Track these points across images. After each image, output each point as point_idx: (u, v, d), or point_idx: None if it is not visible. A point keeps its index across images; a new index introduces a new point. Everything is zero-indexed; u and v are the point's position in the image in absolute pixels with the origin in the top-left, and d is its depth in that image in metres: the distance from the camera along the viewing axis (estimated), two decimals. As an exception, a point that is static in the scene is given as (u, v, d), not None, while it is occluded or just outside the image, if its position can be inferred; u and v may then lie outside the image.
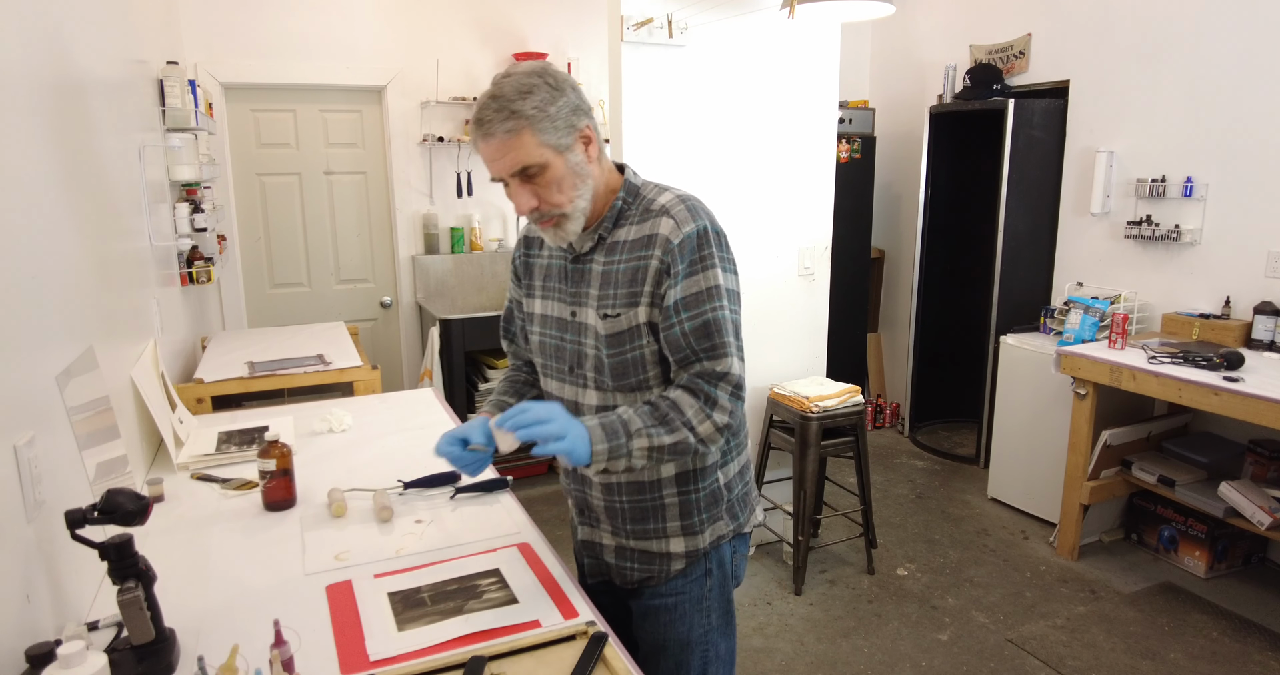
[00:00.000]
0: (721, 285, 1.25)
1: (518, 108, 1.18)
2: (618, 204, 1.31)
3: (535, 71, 1.22)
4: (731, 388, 1.25)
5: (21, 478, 1.10)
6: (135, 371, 1.91)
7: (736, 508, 1.42)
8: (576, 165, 1.24)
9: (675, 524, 1.36)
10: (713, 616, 1.41)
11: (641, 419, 1.20)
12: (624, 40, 2.72)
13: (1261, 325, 3.03)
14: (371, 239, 4.47)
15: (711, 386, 1.24)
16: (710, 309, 1.23)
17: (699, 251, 1.24)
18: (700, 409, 1.22)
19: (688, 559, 1.38)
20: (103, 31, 2.02)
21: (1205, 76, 3.25)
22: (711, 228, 1.27)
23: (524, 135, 1.19)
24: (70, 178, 1.55)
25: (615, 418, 1.20)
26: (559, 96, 1.21)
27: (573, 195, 1.25)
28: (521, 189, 1.23)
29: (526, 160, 1.20)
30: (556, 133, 1.21)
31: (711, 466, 1.37)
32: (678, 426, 1.21)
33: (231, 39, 3.91)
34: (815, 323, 3.30)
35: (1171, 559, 3.20)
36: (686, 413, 1.22)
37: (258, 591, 1.33)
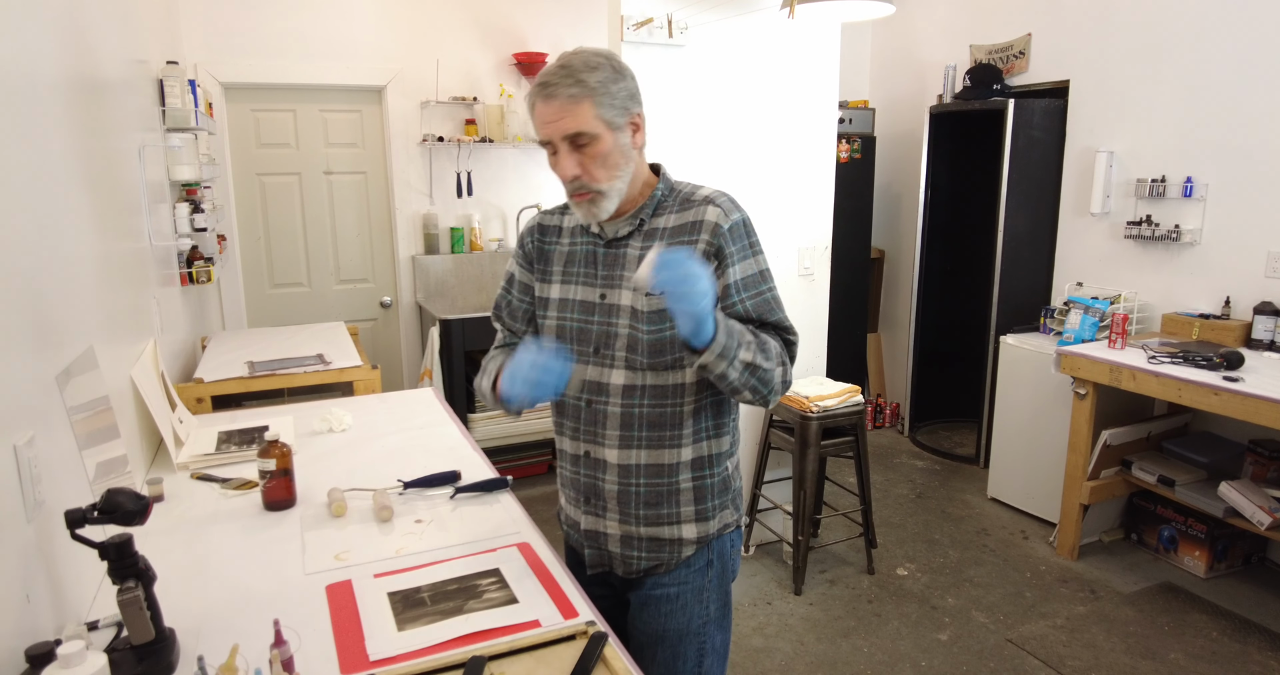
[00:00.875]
0: (766, 268, 1.37)
1: (584, 78, 1.26)
2: (657, 194, 1.38)
3: (603, 54, 1.31)
4: (794, 349, 1.37)
5: (21, 477, 1.09)
6: (135, 371, 1.91)
7: (738, 499, 1.49)
8: (623, 146, 1.31)
9: (690, 509, 1.40)
10: (711, 608, 1.44)
11: (750, 338, 1.27)
12: (624, 40, 2.72)
13: (1261, 325, 3.03)
14: (371, 239, 4.47)
15: (783, 347, 1.35)
16: (767, 289, 1.35)
17: (745, 238, 1.34)
18: (781, 356, 1.33)
19: (698, 545, 1.42)
20: (103, 31, 2.02)
21: (1205, 76, 3.25)
22: (748, 219, 1.38)
23: (584, 103, 1.26)
24: (70, 177, 1.55)
25: (734, 323, 1.27)
26: (620, 79, 1.30)
27: (614, 173, 1.31)
28: (569, 156, 1.29)
29: (581, 126, 1.26)
30: (613, 110, 1.28)
31: (725, 453, 1.43)
32: (772, 357, 1.30)
33: (231, 39, 3.91)
34: (815, 323, 3.30)
35: (1171, 559, 3.21)
36: (775, 353, 1.31)
37: (258, 591, 1.33)
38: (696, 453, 1.39)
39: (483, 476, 1.83)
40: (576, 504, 1.46)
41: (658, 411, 1.36)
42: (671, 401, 1.36)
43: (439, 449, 2.03)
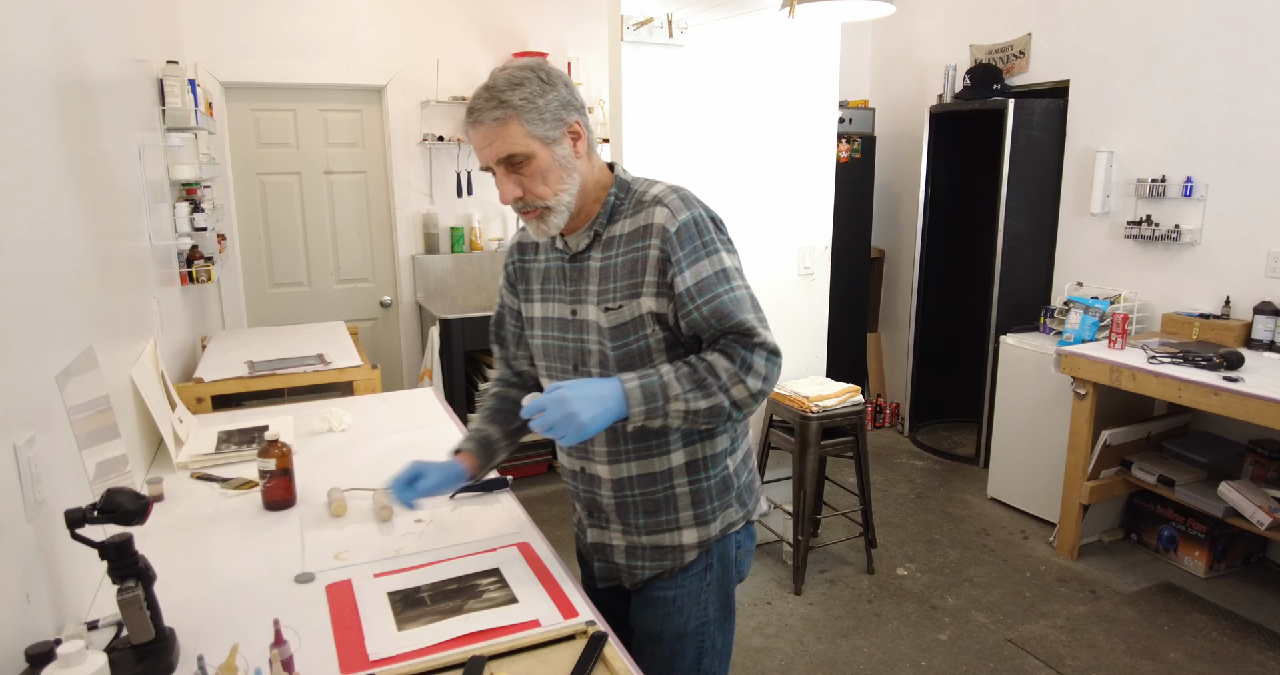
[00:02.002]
0: (728, 266, 1.27)
1: (506, 98, 1.22)
2: (610, 200, 1.33)
3: (528, 66, 1.25)
4: (767, 352, 1.26)
5: (21, 477, 1.09)
6: (135, 371, 1.91)
7: (744, 495, 1.44)
8: (563, 159, 1.26)
9: (688, 513, 1.38)
10: (710, 609, 1.42)
11: (680, 383, 1.23)
12: (624, 40, 2.72)
13: (1261, 325, 3.03)
14: (371, 238, 4.47)
15: (748, 351, 1.25)
16: (725, 290, 1.25)
17: (695, 239, 1.27)
18: (735, 373, 1.24)
19: (700, 549, 1.40)
20: (103, 31, 2.02)
21: (1205, 76, 3.25)
22: (706, 214, 1.30)
23: (511, 124, 1.22)
24: (70, 177, 1.54)
25: (656, 379, 1.23)
26: (549, 90, 1.24)
27: (557, 188, 1.27)
28: (507, 178, 1.26)
29: (512, 149, 1.23)
30: (544, 125, 1.23)
31: (721, 453, 1.39)
32: (714, 391, 1.23)
33: (231, 38, 3.91)
34: (815, 322, 3.30)
35: (1171, 559, 3.21)
36: (721, 376, 1.23)
37: (258, 591, 1.33)
38: (689, 456, 1.36)
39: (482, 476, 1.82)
40: (583, 517, 1.50)
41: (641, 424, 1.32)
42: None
43: (439, 449, 2.02)
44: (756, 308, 1.29)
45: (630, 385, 1.22)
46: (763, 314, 1.30)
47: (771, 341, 1.27)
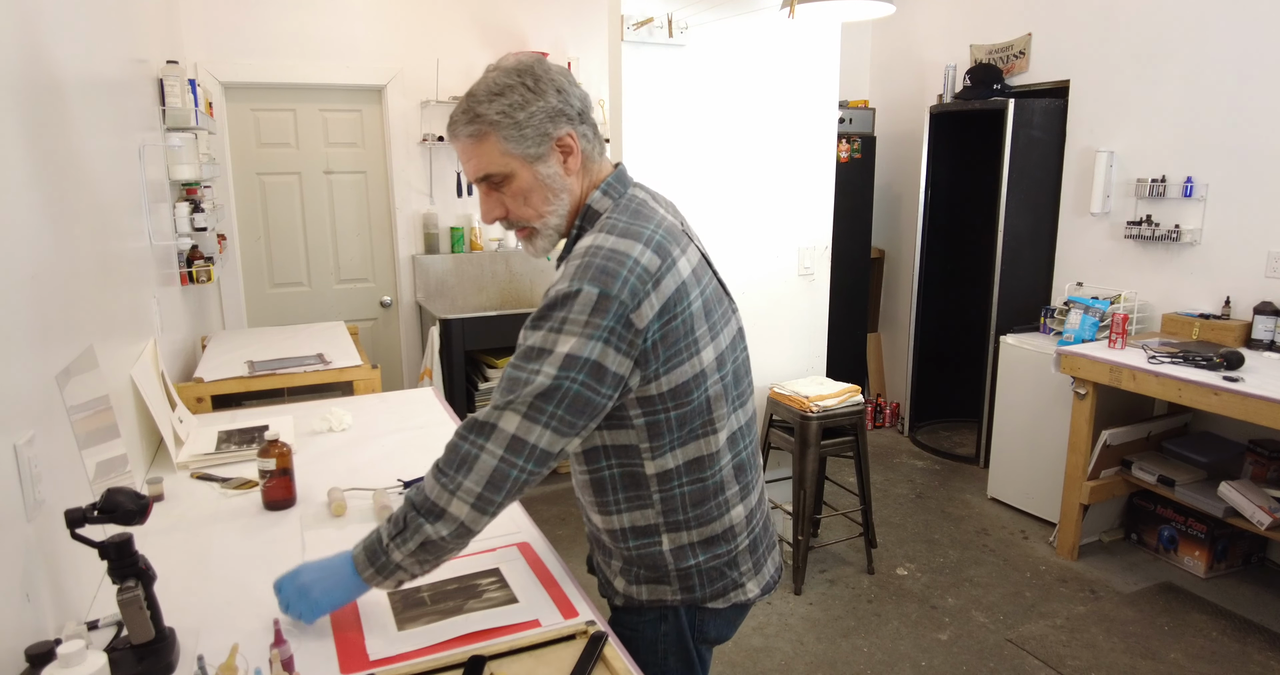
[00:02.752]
0: (562, 351, 1.05)
1: (482, 111, 1.11)
2: (574, 231, 1.20)
3: (517, 69, 1.13)
4: (501, 449, 1.06)
5: (21, 477, 1.09)
6: (135, 371, 1.91)
7: (695, 581, 1.23)
8: (549, 178, 1.14)
9: (618, 564, 1.27)
10: (669, 659, 1.28)
11: (388, 530, 1.13)
12: (624, 40, 2.72)
13: (1261, 325, 3.03)
14: (371, 238, 4.47)
15: (472, 445, 1.08)
16: (528, 370, 1.06)
17: (555, 311, 1.06)
18: (444, 486, 1.08)
19: (625, 601, 1.27)
20: (102, 30, 2.02)
21: (1205, 76, 3.25)
22: (596, 291, 1.04)
23: (487, 141, 1.12)
24: (70, 176, 1.54)
25: (375, 536, 1.15)
26: (534, 100, 1.11)
27: (542, 209, 1.16)
28: (488, 196, 1.17)
29: (489, 168, 1.13)
30: (525, 141, 1.12)
31: (644, 529, 1.21)
32: (416, 525, 1.10)
33: (231, 38, 3.91)
34: (815, 322, 3.30)
35: (1171, 559, 3.20)
36: (429, 495, 1.09)
37: (258, 591, 1.33)
38: (607, 524, 1.24)
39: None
40: None
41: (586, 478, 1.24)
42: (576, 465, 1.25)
43: (439, 449, 2.02)
44: (551, 400, 1.05)
45: (355, 551, 1.16)
46: (557, 412, 1.06)
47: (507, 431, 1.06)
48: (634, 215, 1.15)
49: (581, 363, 1.05)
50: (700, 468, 1.18)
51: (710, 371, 1.15)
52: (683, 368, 1.11)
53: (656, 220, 1.15)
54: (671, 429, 1.14)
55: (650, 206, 1.19)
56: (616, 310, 1.05)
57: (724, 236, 3.03)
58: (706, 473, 1.19)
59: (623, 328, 1.06)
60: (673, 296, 1.09)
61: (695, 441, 1.16)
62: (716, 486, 1.20)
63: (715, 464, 1.19)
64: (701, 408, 1.15)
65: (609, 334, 1.05)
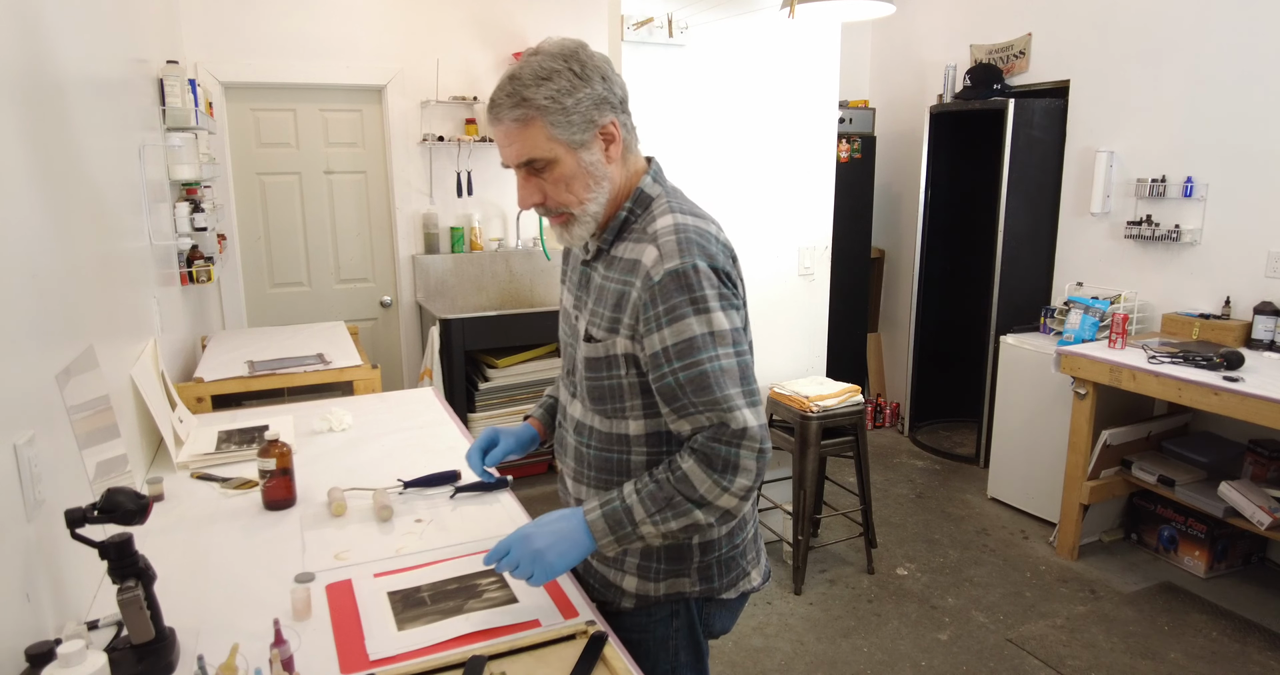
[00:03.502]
0: (716, 330, 1.10)
1: (530, 95, 1.09)
2: (622, 214, 1.20)
3: (563, 54, 1.12)
4: (757, 446, 1.10)
5: (21, 477, 1.10)
6: (135, 371, 1.91)
7: (714, 571, 1.27)
8: (591, 165, 1.15)
9: (634, 561, 1.27)
10: (680, 655, 1.31)
11: (644, 505, 1.12)
12: (624, 40, 2.72)
13: (1261, 325, 3.03)
14: (371, 238, 4.47)
15: (732, 448, 1.10)
16: (706, 359, 1.09)
17: (684, 293, 1.09)
18: (716, 482, 1.10)
19: (637, 601, 1.28)
20: (103, 30, 2.02)
21: (1205, 76, 3.25)
22: (705, 265, 1.11)
23: (533, 126, 1.11)
24: (70, 176, 1.54)
25: (618, 505, 1.13)
26: (581, 86, 1.11)
27: (583, 196, 1.16)
28: (527, 181, 1.16)
29: (533, 153, 1.13)
30: (571, 127, 1.11)
31: None
32: (685, 509, 1.11)
33: (232, 38, 3.91)
34: (815, 322, 3.30)
35: (1171, 559, 3.20)
36: (699, 489, 1.10)
37: (258, 591, 1.33)
38: None
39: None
40: None
41: (604, 455, 1.25)
42: (617, 449, 1.24)
43: (439, 449, 2.03)
44: (745, 379, 1.12)
45: (592, 517, 1.14)
46: (752, 387, 1.13)
47: (755, 428, 1.10)
48: (687, 202, 1.24)
49: (733, 335, 1.12)
50: None
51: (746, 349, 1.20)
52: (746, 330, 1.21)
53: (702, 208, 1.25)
54: None
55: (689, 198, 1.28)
56: (724, 278, 1.13)
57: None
58: None
59: (731, 292, 1.15)
60: (737, 268, 1.20)
61: None
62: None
63: None
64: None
65: (728, 301, 1.13)
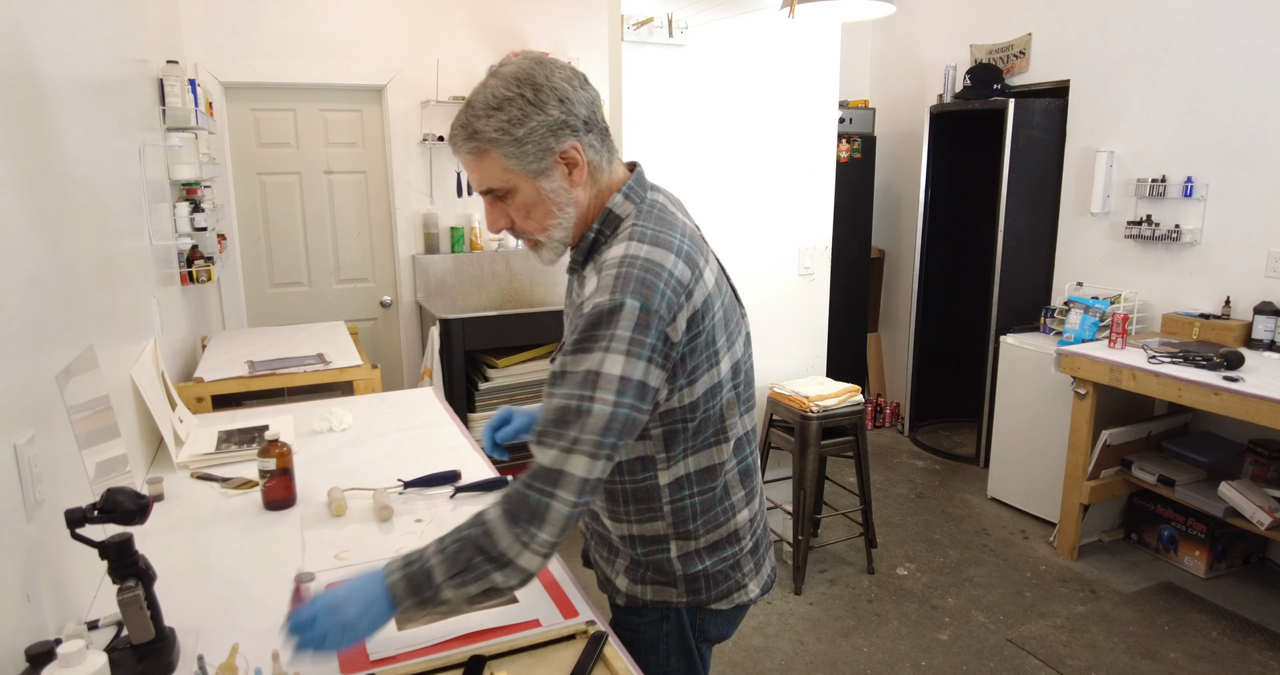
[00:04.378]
0: (604, 372, 1.02)
1: (480, 127, 1.07)
2: (590, 235, 1.16)
3: (517, 77, 1.08)
4: (572, 500, 1.03)
5: (21, 477, 1.10)
6: (135, 371, 1.91)
7: (701, 584, 1.24)
8: (552, 192, 1.11)
9: (623, 563, 1.27)
10: (672, 660, 1.28)
11: (445, 567, 1.05)
12: (624, 39, 2.72)
13: (1261, 325, 3.03)
14: (371, 238, 4.47)
15: (544, 496, 1.03)
16: (577, 395, 1.02)
17: (597, 328, 1.03)
18: (517, 537, 1.03)
19: (628, 600, 1.27)
20: (103, 30, 2.02)
21: (1205, 76, 3.25)
22: (636, 304, 1.02)
23: (487, 158, 1.09)
24: (70, 176, 1.54)
25: (420, 568, 1.06)
26: (534, 114, 1.06)
27: (546, 224, 1.13)
28: (493, 207, 1.14)
29: (490, 183, 1.11)
30: (525, 158, 1.08)
31: (655, 537, 1.22)
32: (483, 572, 1.04)
33: (231, 38, 3.91)
34: (815, 322, 3.30)
35: (1171, 559, 3.20)
36: (499, 544, 1.03)
37: (258, 591, 1.33)
38: (619, 530, 1.24)
39: (483, 476, 1.82)
40: None
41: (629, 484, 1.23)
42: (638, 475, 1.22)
43: (439, 448, 2.03)
44: (607, 431, 1.02)
45: (393, 580, 1.06)
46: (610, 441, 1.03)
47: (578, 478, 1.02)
48: (659, 222, 1.13)
49: (632, 385, 1.03)
50: (711, 476, 1.19)
51: (726, 381, 1.15)
52: (703, 379, 1.12)
53: (680, 228, 1.14)
54: (686, 438, 1.15)
55: (671, 212, 1.17)
56: (657, 326, 1.03)
57: (724, 236, 3.03)
58: (716, 481, 1.20)
59: (662, 343, 1.04)
60: (700, 309, 1.08)
61: (707, 450, 1.18)
62: (723, 492, 1.21)
63: (723, 471, 1.20)
64: (715, 416, 1.16)
65: (651, 352, 1.03)
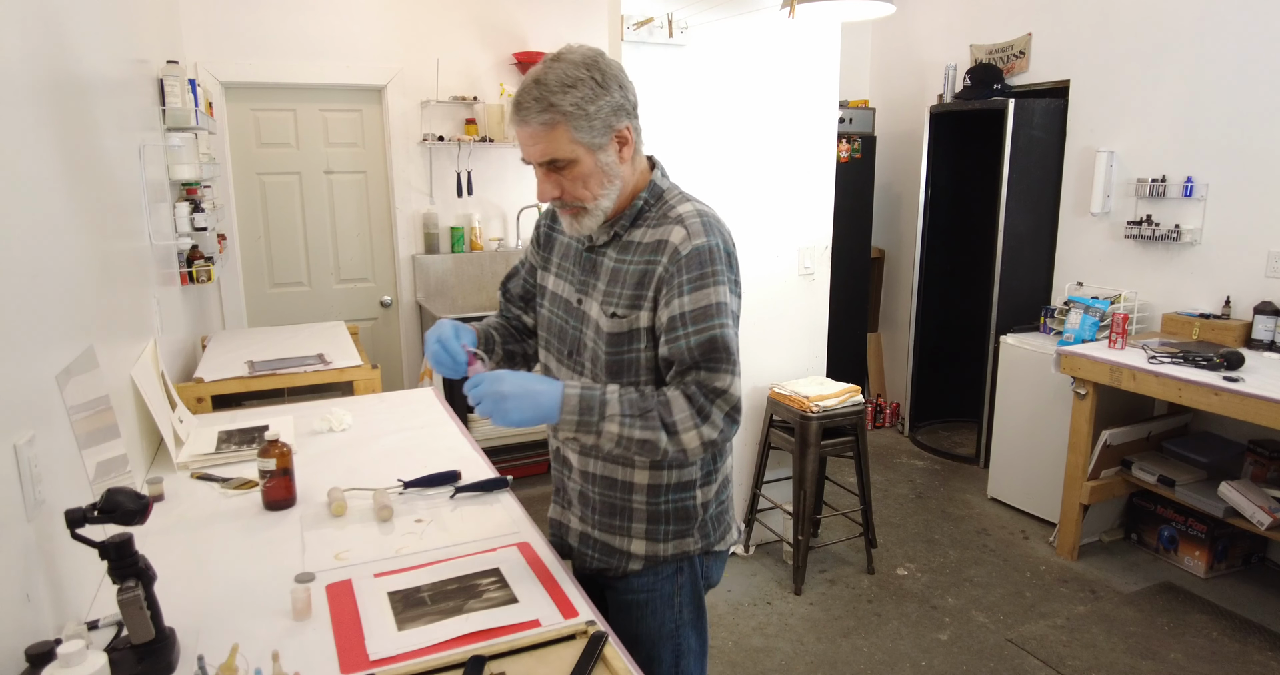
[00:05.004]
0: (726, 303, 1.24)
1: (556, 101, 1.19)
2: (638, 203, 1.32)
3: (585, 63, 1.22)
4: (729, 408, 1.23)
5: (21, 477, 1.10)
6: (135, 371, 1.91)
7: (710, 527, 1.41)
8: (607, 165, 1.26)
9: (640, 526, 1.37)
10: (684, 612, 1.42)
11: (621, 405, 1.21)
12: (624, 40, 2.72)
13: (1261, 325, 3.03)
14: (371, 238, 4.47)
15: (709, 400, 1.23)
16: (717, 325, 1.22)
17: (708, 266, 1.24)
18: (691, 417, 1.22)
19: (645, 562, 1.38)
20: (102, 30, 2.02)
21: (1205, 76, 3.25)
22: (724, 246, 1.27)
23: (558, 130, 1.21)
24: (70, 176, 1.54)
25: (597, 394, 1.22)
26: (602, 94, 1.22)
27: (598, 192, 1.27)
28: (548, 178, 1.26)
29: (557, 154, 1.22)
30: (592, 132, 1.22)
31: (689, 483, 1.37)
32: (655, 425, 1.21)
33: (232, 38, 3.91)
34: (815, 322, 3.30)
35: (1171, 559, 3.20)
36: (676, 415, 1.21)
37: (258, 591, 1.33)
38: (653, 479, 1.35)
39: (483, 476, 1.83)
40: (553, 492, 1.54)
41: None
42: None
43: (439, 448, 2.03)
44: (736, 353, 1.26)
45: (570, 392, 1.21)
46: (739, 362, 1.26)
47: (736, 397, 1.24)
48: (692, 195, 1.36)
49: (732, 313, 1.26)
50: None
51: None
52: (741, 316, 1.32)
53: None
54: None
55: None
56: (734, 263, 1.29)
57: (724, 236, 3.03)
58: None
59: (737, 277, 1.29)
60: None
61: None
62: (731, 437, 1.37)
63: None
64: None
65: (734, 284, 1.28)
